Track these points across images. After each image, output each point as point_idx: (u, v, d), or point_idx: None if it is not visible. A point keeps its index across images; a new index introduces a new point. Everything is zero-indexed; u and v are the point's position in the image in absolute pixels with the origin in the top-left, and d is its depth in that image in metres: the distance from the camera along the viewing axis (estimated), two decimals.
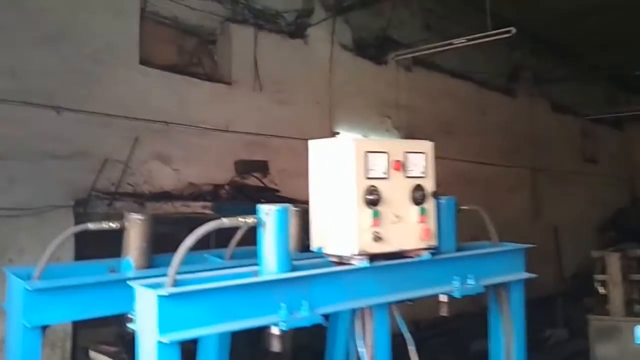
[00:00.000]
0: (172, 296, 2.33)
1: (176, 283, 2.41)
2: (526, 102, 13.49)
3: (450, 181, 7.55)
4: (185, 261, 2.50)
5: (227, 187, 7.81)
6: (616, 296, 7.37)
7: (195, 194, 7.39)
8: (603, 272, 7.56)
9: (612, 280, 7.37)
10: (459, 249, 3.43)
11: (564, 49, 12.84)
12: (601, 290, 7.65)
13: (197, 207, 7.01)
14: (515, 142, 12.96)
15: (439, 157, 3.21)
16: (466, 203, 3.54)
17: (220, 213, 4.46)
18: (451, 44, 9.00)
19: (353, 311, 3.05)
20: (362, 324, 3.05)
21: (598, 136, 16.59)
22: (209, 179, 7.59)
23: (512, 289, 3.60)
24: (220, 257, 3.56)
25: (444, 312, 3.33)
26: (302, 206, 3.69)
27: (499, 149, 12.39)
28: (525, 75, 13.36)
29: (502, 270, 3.54)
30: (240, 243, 3.50)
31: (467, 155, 11.01)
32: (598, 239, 14.13)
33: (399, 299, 3.06)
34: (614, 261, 7.35)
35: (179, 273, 2.44)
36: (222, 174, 7.77)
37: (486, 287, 3.43)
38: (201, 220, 4.07)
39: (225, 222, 2.63)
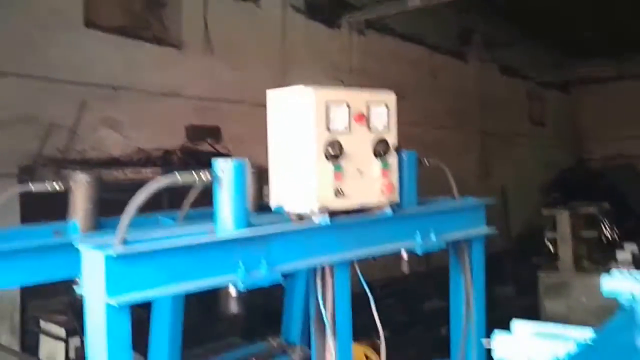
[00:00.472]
0: (121, 256, 2.18)
1: (126, 243, 2.26)
2: (476, 65, 13.61)
3: (402, 144, 7.57)
4: (135, 223, 2.35)
5: (178, 153, 7.63)
6: (566, 253, 7.57)
7: (145, 160, 7.20)
8: (553, 229, 7.75)
9: (562, 238, 7.56)
10: (420, 205, 3.36)
11: (513, 13, 12.92)
12: (551, 247, 7.85)
13: (147, 173, 6.83)
14: (465, 105, 13.10)
15: None
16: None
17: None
18: (405, 5, 8.93)
19: (313, 270, 2.96)
20: (323, 283, 2.96)
21: (546, 99, 16.92)
22: (159, 145, 7.40)
23: (473, 245, 3.57)
24: (174, 219, 3.40)
25: (404, 269, 3.27)
26: (259, 168, 3.57)
27: (449, 112, 12.51)
28: (476, 39, 13.43)
29: (463, 225, 3.50)
30: (195, 205, 3.35)
31: (418, 118, 11.05)
32: (544, 199, 14.51)
33: (360, 255, 2.98)
34: (564, 219, 7.53)
35: (129, 235, 2.28)
36: (173, 140, 7.59)
37: (447, 243, 3.39)
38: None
39: (179, 177, 2.48)
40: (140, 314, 3.28)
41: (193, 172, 2.50)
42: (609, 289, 2.36)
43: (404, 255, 3.22)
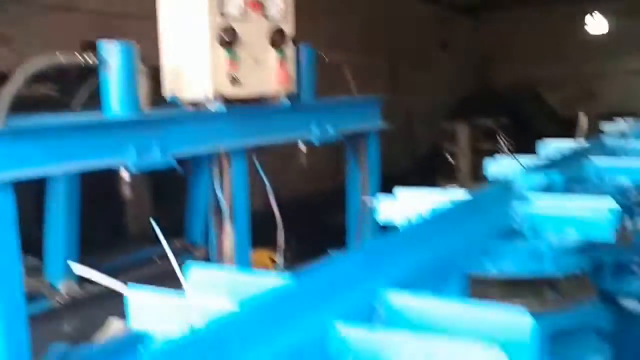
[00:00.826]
0: (4, 133, 2.10)
1: (9, 123, 2.17)
2: None
3: None
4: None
5: (74, 69, 7.27)
6: (464, 165, 7.96)
7: (38, 76, 6.82)
8: (453, 143, 8.10)
9: (460, 150, 7.91)
10: (318, 100, 3.41)
11: None
12: (451, 159, 8.21)
13: (41, 89, 6.50)
14: (373, 28, 13.13)
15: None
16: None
17: (66, 95, 4.12)
18: None
19: (210, 159, 2.96)
20: (220, 171, 2.98)
21: (453, 24, 17.21)
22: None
23: (369, 139, 3.68)
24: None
25: (302, 161, 3.34)
26: (154, 67, 3.47)
27: (357, 36, 12.51)
28: None
29: (359, 119, 3.59)
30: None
31: (325, 40, 11.00)
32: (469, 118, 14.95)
33: (256, 143, 3.01)
34: (462, 131, 7.87)
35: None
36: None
37: (344, 136, 3.47)
38: (45, 103, 3.73)
39: (61, 58, 2.38)
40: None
41: (76, 53, 2.41)
42: (493, 171, 2.52)
43: (302, 146, 3.28)
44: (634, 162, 2.60)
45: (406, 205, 2.07)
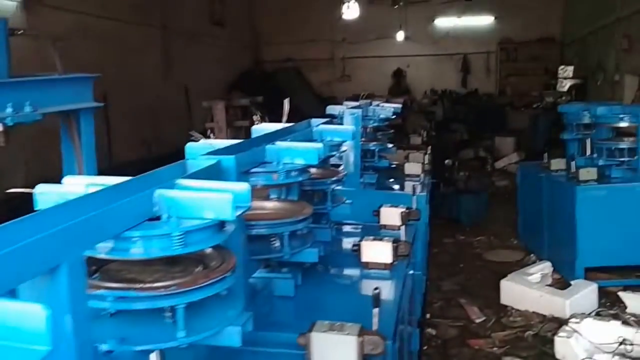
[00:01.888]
0: None
1: None
2: None
3: (70, 35, 7.18)
4: None
5: None
6: (222, 141, 8.13)
7: None
8: (211, 120, 8.23)
9: (218, 127, 8.08)
10: (15, 78, 3.24)
11: None
12: (210, 135, 8.34)
13: None
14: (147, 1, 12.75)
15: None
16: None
17: None
18: None
19: None
20: None
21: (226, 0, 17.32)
22: None
23: (81, 118, 3.60)
24: None
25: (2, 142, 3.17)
26: None
27: (131, 6, 12.06)
28: None
29: (67, 99, 3.49)
30: None
31: (95, 9, 10.47)
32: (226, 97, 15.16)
33: None
34: (219, 109, 8.03)
35: None
36: None
37: (47, 114, 3.35)
38: None
39: None
40: None
41: None
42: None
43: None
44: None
45: None
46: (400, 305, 2.91)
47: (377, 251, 3.34)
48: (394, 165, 6.23)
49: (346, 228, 3.95)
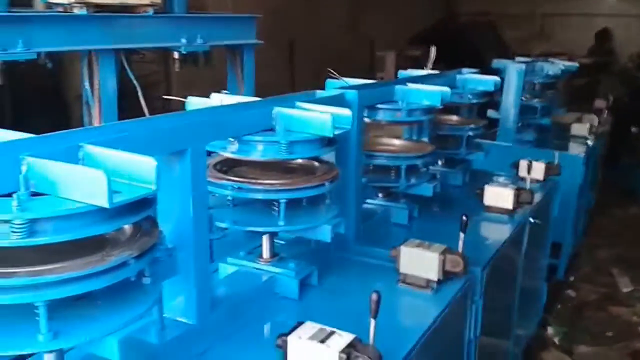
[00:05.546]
0: None
1: None
2: None
3: None
4: None
5: None
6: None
7: None
8: (382, 71, 8.50)
9: (387, 75, 8.33)
10: (190, 13, 3.79)
11: None
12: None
13: None
14: None
15: None
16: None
17: None
18: None
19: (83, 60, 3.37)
20: (90, 72, 3.39)
21: None
22: None
23: (244, 53, 4.09)
24: None
25: (176, 67, 3.76)
26: None
27: None
28: None
29: (232, 35, 3.98)
30: None
31: None
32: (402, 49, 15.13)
33: (121, 47, 3.41)
34: (390, 59, 8.26)
35: None
36: None
37: (212, 46, 3.86)
38: None
39: None
40: None
41: None
42: None
43: (175, 54, 3.69)
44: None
45: None
46: (503, 246, 3.02)
47: (499, 196, 3.45)
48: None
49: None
